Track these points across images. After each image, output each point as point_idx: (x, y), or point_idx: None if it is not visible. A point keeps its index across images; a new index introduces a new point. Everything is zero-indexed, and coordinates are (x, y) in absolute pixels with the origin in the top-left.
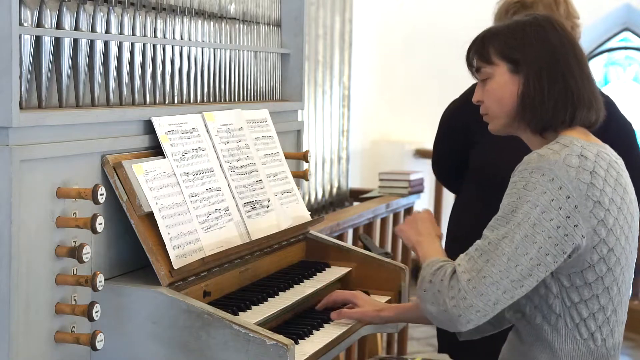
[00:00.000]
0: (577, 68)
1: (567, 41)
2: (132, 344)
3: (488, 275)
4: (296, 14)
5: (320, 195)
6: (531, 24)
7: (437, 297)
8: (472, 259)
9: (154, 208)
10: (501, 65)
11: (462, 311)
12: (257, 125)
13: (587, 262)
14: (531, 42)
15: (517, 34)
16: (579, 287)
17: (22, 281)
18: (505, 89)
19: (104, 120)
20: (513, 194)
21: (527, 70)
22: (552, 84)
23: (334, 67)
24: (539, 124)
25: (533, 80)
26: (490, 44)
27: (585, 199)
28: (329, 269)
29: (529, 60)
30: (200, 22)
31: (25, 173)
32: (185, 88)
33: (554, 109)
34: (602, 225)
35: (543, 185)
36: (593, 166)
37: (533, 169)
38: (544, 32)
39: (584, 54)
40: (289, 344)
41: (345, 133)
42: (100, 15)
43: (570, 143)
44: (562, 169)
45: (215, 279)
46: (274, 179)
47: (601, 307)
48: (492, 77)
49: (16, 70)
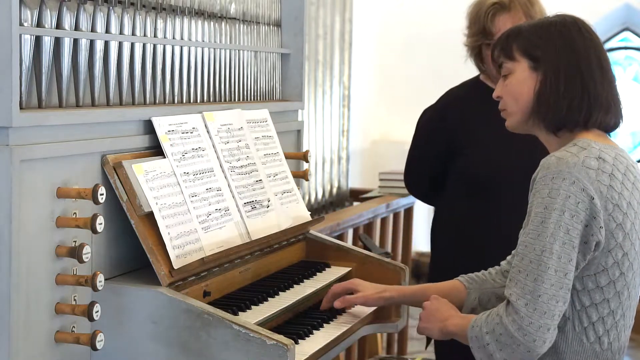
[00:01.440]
0: (599, 71)
1: (591, 44)
2: (132, 344)
3: (543, 293)
4: (296, 14)
5: (320, 195)
6: (557, 24)
7: (502, 340)
8: (520, 283)
9: (154, 208)
10: (522, 61)
11: (534, 335)
12: (257, 125)
13: (601, 265)
14: (554, 41)
15: (541, 33)
16: (591, 291)
17: (22, 281)
18: (523, 85)
19: (104, 120)
20: (539, 204)
21: (545, 68)
22: (569, 84)
23: (334, 67)
24: (553, 122)
25: (550, 78)
26: (514, 41)
27: (605, 201)
28: (329, 269)
29: (549, 58)
30: (200, 22)
31: (25, 173)
32: (185, 88)
33: (568, 108)
34: (620, 229)
35: (566, 189)
36: (611, 169)
37: (554, 174)
38: (568, 32)
39: (608, 59)
40: (289, 344)
41: (345, 133)
42: (100, 15)
43: (588, 145)
44: (582, 171)
45: (215, 279)
46: (274, 179)
47: (611, 311)
48: (512, 73)
49: (16, 70)
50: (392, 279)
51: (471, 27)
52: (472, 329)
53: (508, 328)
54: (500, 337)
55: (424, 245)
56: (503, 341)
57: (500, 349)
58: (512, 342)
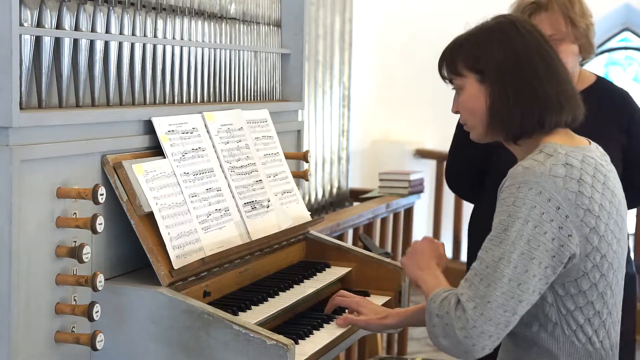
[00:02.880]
0: (544, 70)
1: (532, 43)
2: (132, 344)
3: (493, 300)
4: (296, 14)
5: (320, 195)
6: (494, 30)
7: (447, 330)
8: (473, 286)
9: (154, 208)
10: (469, 76)
11: (475, 340)
12: (257, 125)
13: (581, 270)
14: (494, 50)
15: (480, 43)
16: (574, 295)
17: (22, 281)
18: (476, 99)
19: (104, 120)
20: (503, 212)
21: (492, 81)
22: (517, 92)
23: (334, 67)
24: (510, 133)
25: (498, 90)
26: (457, 56)
27: (575, 208)
28: (329, 269)
29: (493, 69)
30: (200, 22)
31: (25, 173)
32: (185, 88)
33: (521, 117)
34: (594, 233)
35: (532, 199)
36: (580, 174)
37: (520, 183)
38: (506, 37)
39: (552, 53)
40: (289, 344)
41: (345, 133)
42: (100, 15)
43: (555, 152)
44: (549, 180)
45: (215, 279)
46: (274, 179)
47: (596, 312)
48: (463, 88)
49: (16, 70)
50: (392, 279)
51: None
52: (430, 302)
53: (453, 323)
54: (446, 327)
55: None
56: (447, 331)
57: (444, 336)
58: (454, 336)
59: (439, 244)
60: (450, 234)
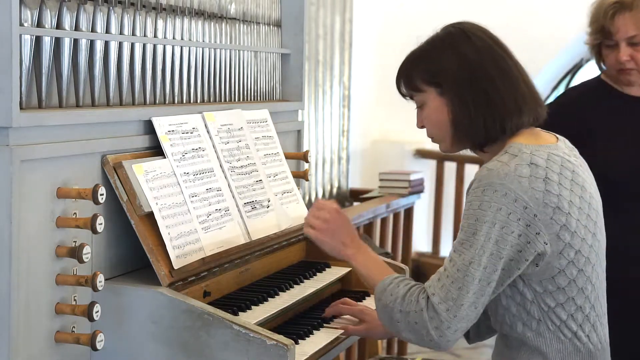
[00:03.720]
0: (499, 75)
1: (483, 48)
2: (132, 344)
3: (465, 302)
4: (296, 14)
5: (320, 195)
6: (444, 41)
7: (416, 328)
8: (445, 287)
9: (154, 208)
10: (429, 90)
11: (449, 337)
12: (257, 126)
13: (556, 268)
14: (447, 61)
15: (434, 55)
16: (553, 292)
17: (22, 281)
18: (439, 113)
19: (104, 120)
20: (470, 216)
21: (450, 93)
22: (476, 101)
23: (334, 67)
24: (475, 142)
25: (458, 101)
26: (413, 72)
27: (544, 206)
28: (329, 269)
29: (449, 82)
30: (200, 22)
31: (25, 173)
32: (185, 88)
33: (484, 125)
34: (565, 230)
35: (497, 201)
36: (545, 173)
37: (485, 186)
38: (457, 47)
39: (505, 56)
40: (289, 344)
41: (345, 133)
42: (100, 15)
43: (519, 152)
44: (514, 181)
45: (215, 279)
46: (274, 179)
47: (578, 307)
48: (425, 103)
49: (16, 70)
50: None
51: (591, 25)
52: (383, 292)
53: (426, 324)
54: (414, 325)
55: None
56: (416, 329)
57: (409, 330)
58: (426, 334)
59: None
60: (450, 234)
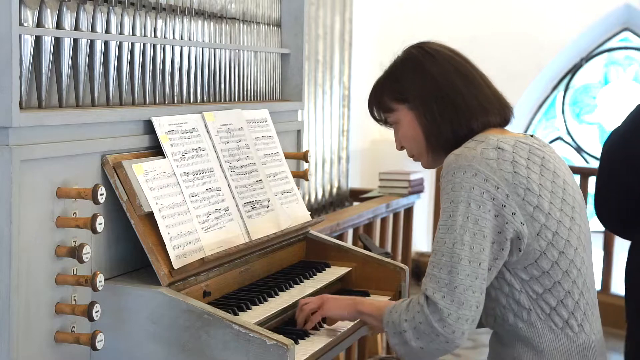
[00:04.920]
0: (460, 80)
1: (442, 59)
2: (132, 344)
3: (459, 284)
4: (296, 14)
5: (320, 195)
6: (404, 60)
7: (421, 330)
8: (435, 277)
9: (154, 208)
10: (399, 107)
11: (454, 327)
12: (257, 125)
13: (537, 250)
14: (409, 75)
15: (397, 74)
16: (539, 278)
17: (22, 281)
18: (412, 127)
19: (104, 120)
20: (445, 200)
21: (417, 104)
22: (441, 108)
23: (334, 67)
24: (447, 147)
25: (424, 111)
26: (382, 94)
27: (514, 187)
28: (329, 269)
29: (414, 93)
30: (200, 22)
31: (25, 173)
32: (185, 88)
33: (452, 129)
34: (539, 211)
35: (468, 181)
36: (512, 156)
37: (454, 169)
38: (415, 60)
39: (466, 64)
40: (289, 344)
41: (345, 133)
42: (100, 15)
43: (486, 138)
44: (482, 162)
45: (215, 279)
46: (274, 179)
47: (567, 293)
48: (399, 121)
49: (16, 70)
50: (392, 279)
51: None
52: (389, 314)
53: (429, 318)
54: (420, 326)
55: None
56: (422, 330)
57: (417, 337)
58: (432, 331)
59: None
60: None
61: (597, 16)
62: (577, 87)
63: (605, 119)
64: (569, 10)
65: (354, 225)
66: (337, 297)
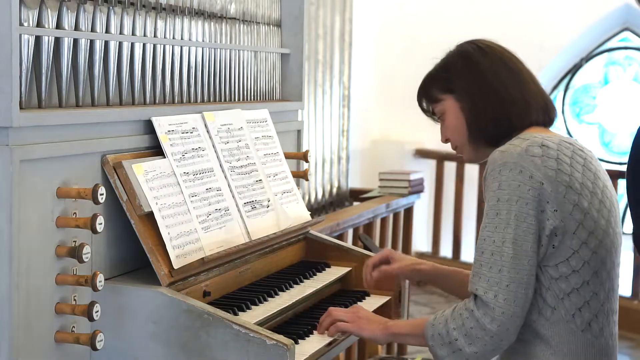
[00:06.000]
0: (506, 73)
1: (494, 55)
2: (132, 344)
3: (509, 282)
4: (296, 14)
5: (320, 195)
6: (456, 54)
7: (473, 335)
8: (484, 276)
9: (154, 208)
10: (447, 98)
11: (508, 324)
12: (257, 125)
13: (570, 249)
14: (459, 68)
15: (448, 66)
16: (568, 276)
17: (22, 281)
18: (458, 118)
19: (104, 120)
20: (491, 197)
21: (463, 95)
22: (485, 99)
23: (334, 67)
24: (488, 139)
25: (469, 102)
26: (431, 85)
27: (557, 184)
28: (329, 269)
29: (462, 85)
30: (200, 22)
31: (25, 173)
32: (185, 88)
33: (494, 121)
34: (578, 210)
35: (514, 179)
36: (556, 154)
37: (500, 166)
38: (468, 54)
39: (516, 62)
40: (289, 344)
41: (345, 133)
42: (100, 15)
43: (531, 136)
44: (527, 159)
45: (215, 279)
46: (274, 179)
47: (594, 294)
48: (445, 112)
49: (16, 70)
50: (392, 279)
51: None
52: (432, 327)
53: (481, 321)
54: (471, 331)
55: (423, 245)
56: (474, 335)
57: (470, 342)
58: (485, 334)
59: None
60: (450, 234)
61: (597, 16)
62: (577, 87)
63: (605, 119)
64: (569, 11)
65: (354, 225)
66: (370, 317)
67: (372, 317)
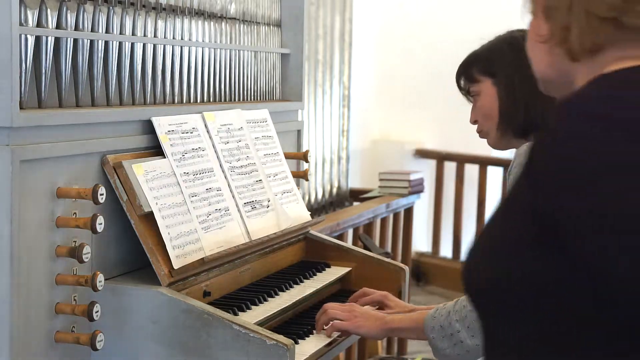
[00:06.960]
0: None
1: None
2: (132, 344)
3: None
4: (296, 14)
5: (320, 195)
6: (506, 39)
7: (475, 327)
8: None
9: (154, 208)
10: (485, 80)
11: None
12: (257, 125)
13: None
14: (505, 54)
15: (494, 50)
16: None
17: (22, 281)
18: (491, 101)
19: (104, 120)
20: None
21: (502, 80)
22: (523, 89)
23: (334, 67)
24: (516, 129)
25: (506, 89)
26: (472, 65)
27: None
28: (329, 269)
29: (503, 70)
30: (200, 22)
31: (25, 173)
32: (185, 88)
33: (525, 111)
34: None
35: None
36: None
37: None
38: (517, 43)
39: None
40: (289, 344)
41: (345, 133)
42: (100, 15)
43: None
44: None
45: (215, 279)
46: (274, 179)
47: None
48: (479, 94)
49: (16, 70)
50: (392, 279)
51: None
52: (433, 319)
53: None
54: (474, 324)
55: (424, 245)
56: (477, 327)
57: (472, 335)
58: None
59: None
60: (450, 234)
61: None
62: None
63: None
64: None
65: (354, 225)
66: (366, 313)
67: (368, 313)
